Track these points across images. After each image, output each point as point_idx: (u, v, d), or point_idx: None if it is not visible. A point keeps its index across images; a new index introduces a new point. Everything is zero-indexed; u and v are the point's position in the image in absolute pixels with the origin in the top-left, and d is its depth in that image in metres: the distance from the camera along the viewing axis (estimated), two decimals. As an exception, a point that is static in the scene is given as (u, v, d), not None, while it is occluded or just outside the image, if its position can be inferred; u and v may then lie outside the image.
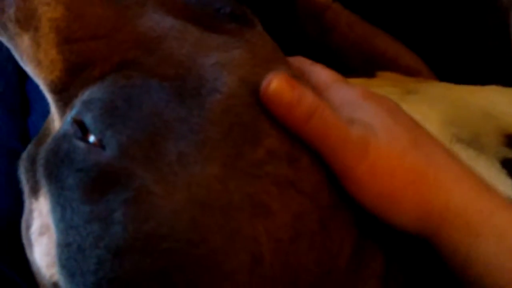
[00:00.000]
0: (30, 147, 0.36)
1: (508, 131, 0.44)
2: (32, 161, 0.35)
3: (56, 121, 0.33)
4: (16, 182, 0.37)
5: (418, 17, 0.62)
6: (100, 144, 0.28)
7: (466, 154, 0.41)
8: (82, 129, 0.29)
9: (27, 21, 0.31)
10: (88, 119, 0.28)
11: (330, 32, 0.64)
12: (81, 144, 0.28)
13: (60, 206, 0.28)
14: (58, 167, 0.28)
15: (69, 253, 0.27)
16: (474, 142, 0.42)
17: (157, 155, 0.27)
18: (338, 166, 0.30)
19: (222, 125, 0.28)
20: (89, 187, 0.27)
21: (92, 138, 0.28)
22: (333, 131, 0.29)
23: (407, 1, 0.62)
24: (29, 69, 0.33)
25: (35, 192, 0.34)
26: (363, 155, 0.29)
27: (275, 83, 0.29)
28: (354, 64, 0.64)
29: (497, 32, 0.55)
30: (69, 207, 0.27)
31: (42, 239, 0.34)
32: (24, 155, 0.36)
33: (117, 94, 0.29)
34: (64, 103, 0.32)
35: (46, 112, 0.35)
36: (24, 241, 0.36)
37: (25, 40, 0.32)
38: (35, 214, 0.35)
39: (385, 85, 0.52)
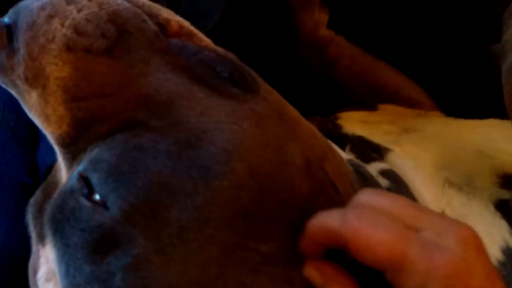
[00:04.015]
0: (37, 194, 0.37)
1: (503, 171, 0.44)
2: (39, 209, 0.36)
3: (63, 172, 0.34)
4: (25, 216, 0.38)
5: (421, 49, 0.63)
6: (104, 205, 0.28)
7: (458, 199, 0.41)
8: (88, 185, 0.30)
9: (35, 79, 0.32)
10: (94, 179, 0.29)
11: (333, 65, 0.65)
12: (86, 202, 0.29)
13: (65, 262, 0.29)
14: (64, 225, 0.29)
15: None
16: (467, 186, 0.43)
17: (158, 224, 0.28)
18: None
19: (226, 211, 0.28)
20: (92, 248, 0.28)
21: (97, 196, 0.29)
22: None
23: (411, 32, 0.63)
24: (38, 123, 0.34)
25: (42, 239, 0.35)
26: None
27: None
28: (357, 96, 0.64)
29: (494, 70, 0.56)
30: (72, 264, 0.28)
31: (48, 286, 0.35)
32: (32, 201, 0.37)
33: (124, 156, 0.29)
34: (72, 156, 0.32)
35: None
36: (31, 285, 0.37)
37: (34, 97, 0.33)
38: (42, 260, 0.36)
39: (384, 121, 0.53)
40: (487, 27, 0.58)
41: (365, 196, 0.29)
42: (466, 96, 0.62)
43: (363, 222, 0.27)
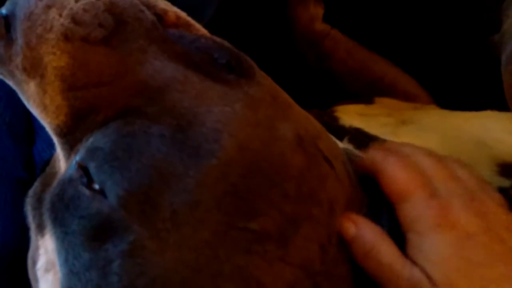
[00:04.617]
0: (36, 185, 0.37)
1: (501, 160, 0.44)
2: (38, 200, 0.36)
3: (62, 162, 0.34)
4: (22, 211, 0.38)
5: (417, 42, 0.63)
6: (103, 192, 0.29)
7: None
8: (87, 174, 0.30)
9: (33, 69, 0.32)
10: (91, 168, 0.29)
11: (329, 59, 0.65)
12: (85, 190, 0.29)
13: (64, 250, 0.29)
14: (63, 213, 0.29)
15: None
16: None
17: (152, 210, 0.28)
18: None
19: (215, 192, 0.29)
20: (91, 235, 0.28)
21: (97, 186, 0.29)
22: (386, 271, 0.31)
23: (407, 25, 0.63)
24: (36, 113, 0.34)
25: (41, 229, 0.35)
26: None
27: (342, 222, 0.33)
28: (353, 90, 0.64)
29: (492, 61, 0.56)
30: (71, 252, 0.28)
31: (47, 276, 0.35)
32: (31, 192, 0.37)
33: (118, 143, 0.29)
34: (70, 146, 0.33)
35: (51, 140, 0.36)
36: (30, 276, 0.37)
37: (32, 87, 0.33)
38: (41, 251, 0.36)
39: (380, 114, 0.53)
40: (484, 18, 0.58)
41: (407, 147, 0.36)
42: (462, 89, 0.62)
43: (391, 162, 0.34)
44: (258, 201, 0.29)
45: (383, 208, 0.34)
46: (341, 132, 0.48)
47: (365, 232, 0.32)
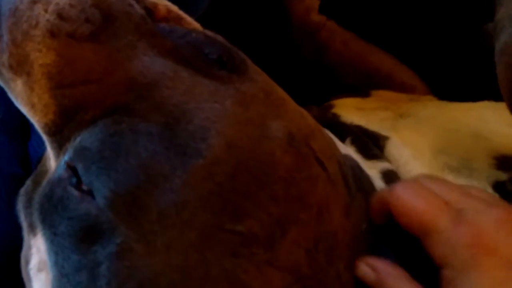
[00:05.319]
0: (28, 183, 0.37)
1: (498, 152, 0.44)
2: (30, 199, 0.35)
3: (52, 161, 0.34)
4: (16, 208, 0.38)
5: (413, 32, 0.63)
6: (91, 193, 0.28)
7: (458, 184, 0.41)
8: (76, 175, 0.29)
9: (19, 66, 0.32)
10: (79, 168, 0.29)
11: (325, 51, 0.64)
12: (74, 191, 0.28)
13: (53, 252, 0.28)
14: (52, 214, 0.29)
15: None
16: (465, 169, 0.42)
17: (139, 211, 0.27)
18: None
19: (201, 192, 0.28)
20: (79, 236, 0.28)
21: (85, 186, 0.29)
22: None
23: (402, 16, 0.63)
24: (24, 111, 0.33)
25: (33, 229, 0.35)
26: None
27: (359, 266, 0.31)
28: (349, 82, 0.64)
29: (486, 50, 0.56)
30: (61, 253, 0.28)
31: (40, 275, 0.34)
32: (22, 191, 0.37)
33: (105, 143, 0.29)
34: (59, 144, 0.32)
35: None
36: (24, 275, 0.37)
37: (19, 85, 0.32)
38: (34, 250, 0.35)
39: (378, 108, 0.52)
40: (478, 6, 0.58)
41: (418, 177, 0.34)
42: (459, 79, 0.61)
43: (405, 191, 0.31)
44: (245, 202, 0.29)
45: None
46: (345, 131, 0.48)
47: (386, 278, 0.30)
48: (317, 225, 0.30)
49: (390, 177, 0.41)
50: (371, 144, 0.44)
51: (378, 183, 0.39)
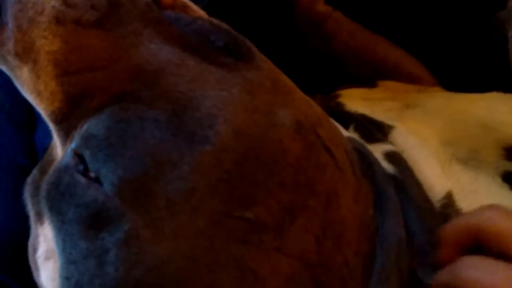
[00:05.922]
0: (34, 172, 0.37)
1: (507, 143, 0.43)
2: (37, 187, 0.35)
3: (58, 149, 0.34)
4: (23, 198, 0.38)
5: (420, 23, 0.62)
6: (98, 180, 0.28)
7: (467, 176, 0.41)
8: (83, 162, 0.29)
9: (26, 54, 0.32)
10: (86, 156, 0.28)
11: (331, 41, 0.64)
12: (81, 178, 0.28)
13: (61, 239, 0.28)
14: (59, 201, 0.29)
15: (69, 287, 0.28)
16: (472, 160, 0.42)
17: (146, 198, 0.27)
18: None
19: (210, 179, 0.28)
20: (87, 223, 0.28)
21: (92, 173, 0.29)
22: None
23: (409, 8, 0.62)
24: (30, 99, 0.33)
25: (40, 217, 0.35)
26: None
27: None
28: (356, 72, 0.64)
29: (498, 39, 0.55)
30: (68, 241, 0.28)
31: (48, 264, 0.35)
32: (29, 180, 0.37)
33: (112, 130, 0.28)
34: (65, 132, 0.32)
35: (52, 127, 0.35)
36: (31, 264, 0.37)
37: (25, 72, 0.32)
38: (41, 239, 0.35)
39: (384, 98, 0.52)
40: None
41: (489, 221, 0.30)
42: (467, 69, 0.61)
43: (476, 271, 0.29)
44: (253, 189, 0.28)
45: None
46: (348, 119, 0.47)
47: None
48: (325, 212, 0.30)
49: (394, 158, 0.41)
50: (375, 130, 0.44)
51: (384, 164, 0.39)
